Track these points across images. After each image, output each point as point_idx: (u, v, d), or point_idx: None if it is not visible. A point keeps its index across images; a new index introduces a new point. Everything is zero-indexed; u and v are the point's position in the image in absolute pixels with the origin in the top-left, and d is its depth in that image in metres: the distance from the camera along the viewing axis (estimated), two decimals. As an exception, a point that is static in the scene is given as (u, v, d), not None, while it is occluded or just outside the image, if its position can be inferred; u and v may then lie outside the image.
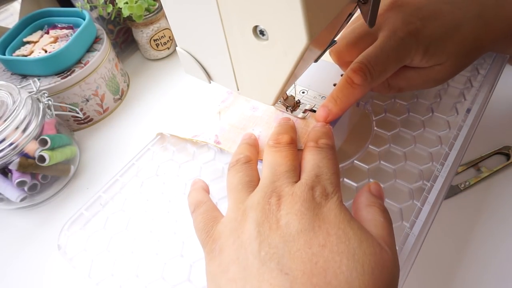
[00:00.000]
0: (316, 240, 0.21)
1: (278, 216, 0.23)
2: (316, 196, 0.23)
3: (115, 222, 0.34)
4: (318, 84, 0.37)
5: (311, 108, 0.34)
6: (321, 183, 0.24)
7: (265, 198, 0.24)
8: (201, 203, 0.28)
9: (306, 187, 0.24)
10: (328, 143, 0.27)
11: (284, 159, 0.26)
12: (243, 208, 0.24)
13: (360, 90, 0.29)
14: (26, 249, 0.42)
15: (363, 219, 0.24)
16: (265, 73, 0.26)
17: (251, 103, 0.36)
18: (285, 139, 0.28)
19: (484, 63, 0.39)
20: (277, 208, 0.23)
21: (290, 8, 0.20)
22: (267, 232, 0.22)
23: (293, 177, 0.25)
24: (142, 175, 0.37)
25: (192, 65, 0.30)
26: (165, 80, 0.60)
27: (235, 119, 0.35)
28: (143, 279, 0.30)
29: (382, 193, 0.27)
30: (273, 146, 0.28)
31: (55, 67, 0.48)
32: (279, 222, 0.22)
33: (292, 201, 0.23)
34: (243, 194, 0.25)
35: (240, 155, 0.29)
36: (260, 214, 0.23)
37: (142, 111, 0.55)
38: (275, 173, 0.25)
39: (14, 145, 0.39)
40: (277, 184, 0.24)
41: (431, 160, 0.33)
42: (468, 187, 0.37)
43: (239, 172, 0.27)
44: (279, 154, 0.27)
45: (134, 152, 0.38)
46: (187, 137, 0.36)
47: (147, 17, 0.57)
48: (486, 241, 0.34)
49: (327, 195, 0.24)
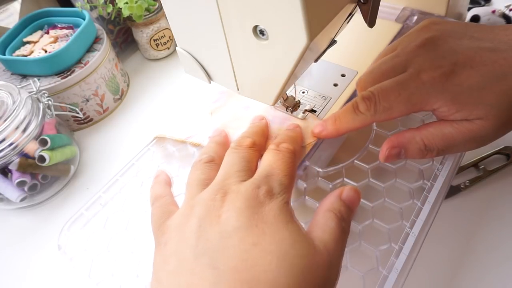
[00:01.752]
0: (250, 238, 0.21)
1: (220, 212, 0.23)
2: (260, 195, 0.23)
3: (115, 222, 0.34)
4: (318, 84, 0.37)
5: (311, 109, 0.34)
6: (269, 183, 0.24)
7: (212, 195, 0.24)
8: (160, 197, 0.28)
9: (252, 186, 0.24)
10: (288, 147, 0.27)
11: (239, 159, 0.27)
12: (192, 203, 0.25)
13: (362, 119, 0.28)
14: (26, 249, 0.42)
15: (315, 222, 0.24)
16: (265, 73, 0.26)
17: (243, 102, 0.36)
18: (246, 142, 0.28)
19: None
20: (220, 204, 0.23)
21: (290, 8, 0.20)
22: (207, 228, 0.22)
23: (243, 176, 0.25)
24: (142, 175, 0.37)
25: (192, 65, 0.30)
26: (165, 80, 0.60)
27: (227, 119, 0.35)
28: (143, 279, 0.30)
29: (355, 201, 0.26)
30: (234, 148, 0.28)
31: (55, 67, 0.48)
32: (219, 218, 0.23)
33: (235, 198, 0.23)
34: (196, 190, 0.26)
35: (203, 155, 0.29)
36: (204, 209, 0.23)
37: (142, 111, 0.55)
38: (227, 172, 0.26)
39: (14, 145, 0.39)
40: (226, 182, 0.25)
41: (432, 160, 0.33)
42: (468, 187, 0.37)
43: (197, 170, 0.28)
44: (236, 156, 0.27)
45: (134, 152, 0.38)
46: (181, 138, 0.36)
47: (147, 17, 0.57)
48: (486, 241, 0.34)
49: (272, 195, 0.24)
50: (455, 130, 0.27)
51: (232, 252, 0.21)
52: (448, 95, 0.26)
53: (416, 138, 0.28)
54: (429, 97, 0.26)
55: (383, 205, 0.31)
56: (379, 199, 0.31)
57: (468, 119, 0.26)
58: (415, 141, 0.28)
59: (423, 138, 0.28)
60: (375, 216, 0.31)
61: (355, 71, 0.37)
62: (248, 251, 0.21)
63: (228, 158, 0.27)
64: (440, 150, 0.28)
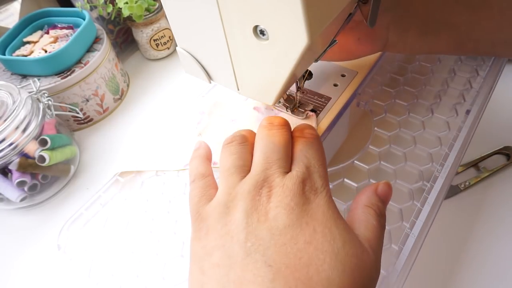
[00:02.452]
0: (303, 236, 0.21)
1: (267, 208, 0.23)
2: (306, 190, 0.23)
3: (115, 222, 0.34)
4: (318, 84, 0.37)
5: (311, 108, 0.34)
6: (311, 176, 0.24)
7: (256, 188, 0.24)
8: (203, 176, 0.27)
9: (297, 180, 0.24)
10: (312, 132, 0.27)
11: (277, 145, 0.26)
12: (233, 193, 0.24)
13: None
14: (26, 249, 0.42)
15: (356, 218, 0.25)
16: (265, 73, 0.26)
17: (228, 116, 0.36)
18: (278, 120, 0.28)
19: (483, 64, 0.39)
20: (267, 199, 0.23)
21: (290, 8, 0.20)
22: (255, 224, 0.22)
23: (284, 166, 0.25)
24: (142, 175, 0.37)
25: (192, 65, 0.30)
26: (165, 80, 0.60)
27: (219, 136, 0.35)
28: (143, 279, 0.30)
29: (388, 196, 0.26)
30: (266, 127, 0.27)
31: (55, 67, 0.48)
32: (267, 215, 0.22)
33: (282, 194, 0.23)
34: (235, 179, 0.25)
35: (236, 135, 0.28)
36: (249, 204, 0.23)
37: (142, 111, 0.55)
38: (267, 160, 0.25)
39: (14, 145, 0.39)
40: (269, 173, 0.24)
41: (431, 161, 0.33)
42: (468, 187, 0.37)
43: (232, 154, 0.26)
44: (272, 139, 0.26)
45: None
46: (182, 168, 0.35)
47: (147, 17, 0.57)
48: (485, 241, 0.34)
49: (316, 190, 0.24)
50: None
51: (285, 249, 0.21)
52: None
53: None
54: None
55: (383, 205, 0.31)
56: (379, 200, 0.31)
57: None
58: None
59: None
60: (375, 216, 0.30)
61: (355, 71, 0.37)
62: (302, 249, 0.21)
63: (264, 141, 0.26)
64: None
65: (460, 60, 0.41)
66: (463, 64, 0.41)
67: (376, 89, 0.39)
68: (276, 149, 0.26)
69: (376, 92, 0.38)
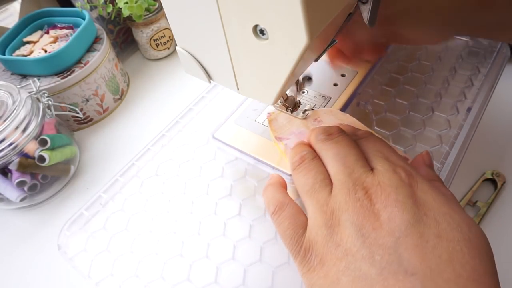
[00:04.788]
0: (430, 231, 0.19)
1: (375, 212, 0.20)
2: (404, 178, 0.21)
3: (115, 222, 0.34)
4: (318, 84, 0.37)
5: (311, 108, 0.34)
6: (397, 165, 0.22)
7: (351, 195, 0.21)
8: (284, 204, 0.25)
9: (389, 171, 0.21)
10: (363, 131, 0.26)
11: (347, 148, 0.24)
12: (329, 211, 0.22)
13: None
14: (26, 249, 0.42)
15: None
16: (265, 72, 0.26)
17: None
18: (334, 129, 0.25)
19: (484, 61, 0.39)
20: (369, 202, 0.21)
21: (290, 8, 0.20)
22: (370, 232, 0.20)
23: (365, 165, 0.23)
24: (142, 175, 0.37)
25: (192, 64, 0.30)
26: (165, 80, 0.60)
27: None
28: (143, 279, 0.30)
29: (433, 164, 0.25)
30: (326, 140, 0.25)
31: (55, 67, 0.48)
32: (379, 219, 0.20)
33: (384, 191, 0.21)
34: (324, 195, 0.23)
35: (303, 153, 0.26)
36: (354, 214, 0.21)
37: (142, 111, 0.55)
38: (346, 165, 0.23)
39: (14, 145, 0.39)
40: (355, 176, 0.22)
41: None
42: None
43: (311, 170, 0.24)
44: (338, 145, 0.24)
45: (134, 152, 0.38)
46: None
47: (147, 17, 0.57)
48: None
49: (412, 176, 0.22)
50: None
51: (420, 251, 0.19)
52: None
53: None
54: None
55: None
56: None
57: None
58: None
59: None
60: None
61: (355, 71, 0.37)
62: (437, 246, 0.19)
63: (331, 151, 0.24)
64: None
65: (461, 58, 0.41)
66: (464, 61, 0.41)
67: (376, 88, 0.39)
68: (348, 153, 0.23)
69: (376, 91, 0.38)
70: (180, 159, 0.37)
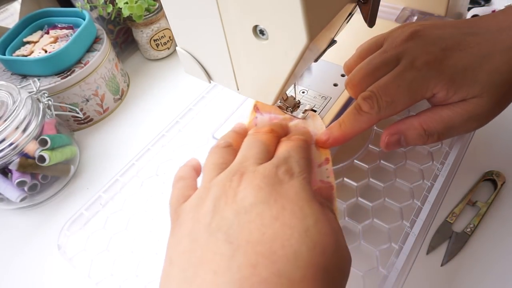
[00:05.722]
0: (269, 212, 0.21)
1: (236, 191, 0.22)
2: (280, 173, 0.23)
3: (115, 222, 0.34)
4: (318, 84, 0.37)
5: (311, 108, 0.34)
6: (288, 163, 0.24)
7: (229, 176, 0.23)
8: (183, 179, 0.27)
9: (270, 165, 0.23)
10: (300, 137, 0.27)
11: (257, 142, 0.26)
12: (208, 186, 0.24)
13: (367, 119, 0.28)
14: (26, 249, 0.42)
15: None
16: (265, 72, 0.26)
17: None
18: (265, 129, 0.28)
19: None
20: (237, 184, 0.23)
21: (290, 8, 0.20)
22: (222, 206, 0.22)
23: (262, 159, 0.24)
24: (142, 175, 0.37)
25: (192, 65, 0.30)
26: (165, 80, 0.60)
27: None
28: (143, 279, 0.30)
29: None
30: (252, 134, 0.27)
31: (55, 67, 0.48)
32: (235, 197, 0.22)
33: (252, 177, 0.23)
34: (213, 174, 0.25)
35: (221, 140, 0.28)
36: (219, 191, 0.23)
37: (142, 111, 0.55)
38: (245, 155, 0.25)
39: (14, 145, 0.39)
40: (244, 165, 0.24)
41: (431, 159, 0.33)
42: (474, 229, 0.35)
43: (215, 154, 0.27)
44: (254, 139, 0.26)
45: (134, 152, 0.38)
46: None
47: (147, 17, 0.57)
48: (486, 240, 0.34)
49: (292, 173, 0.23)
50: (452, 111, 0.27)
51: (249, 226, 0.20)
52: (445, 77, 0.27)
53: (415, 123, 0.28)
54: (428, 82, 0.27)
55: (383, 204, 0.31)
56: (379, 199, 0.31)
57: (465, 99, 0.27)
58: (414, 126, 0.28)
59: (421, 123, 0.28)
60: (375, 215, 0.31)
61: (355, 71, 0.37)
62: (267, 225, 0.20)
63: (246, 142, 0.27)
64: (440, 134, 0.28)
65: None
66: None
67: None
68: (255, 146, 0.26)
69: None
70: (180, 159, 0.37)
